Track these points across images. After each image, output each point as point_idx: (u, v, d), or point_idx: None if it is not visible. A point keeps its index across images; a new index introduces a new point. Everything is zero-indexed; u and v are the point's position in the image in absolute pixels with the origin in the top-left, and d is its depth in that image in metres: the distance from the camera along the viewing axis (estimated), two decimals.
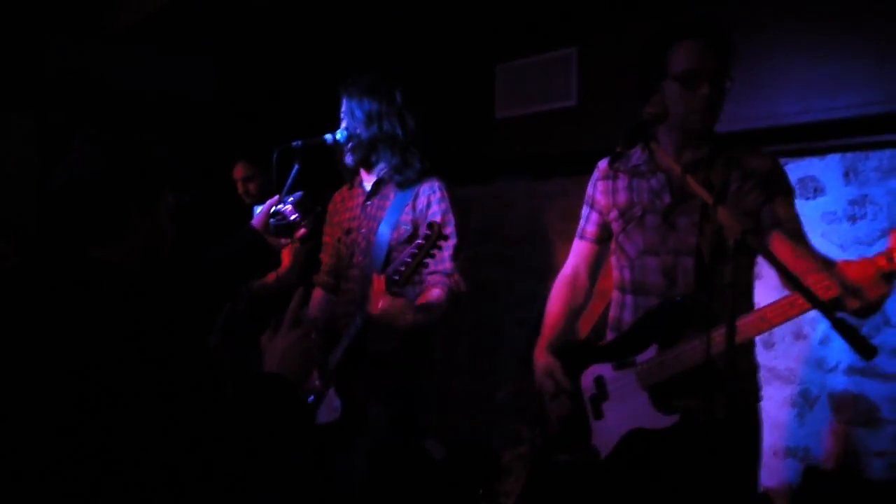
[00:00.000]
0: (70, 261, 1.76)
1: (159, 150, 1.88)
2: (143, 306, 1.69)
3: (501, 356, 5.29)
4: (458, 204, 3.00)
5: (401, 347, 2.93)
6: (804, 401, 3.80)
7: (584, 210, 2.68)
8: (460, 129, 4.99)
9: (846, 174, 3.69)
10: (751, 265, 2.46)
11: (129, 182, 1.79)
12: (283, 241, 2.65)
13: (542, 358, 2.60)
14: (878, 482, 3.42)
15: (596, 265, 2.70)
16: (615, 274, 2.56)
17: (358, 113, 2.95)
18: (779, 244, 2.28)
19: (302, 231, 2.67)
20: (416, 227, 2.94)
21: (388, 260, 2.94)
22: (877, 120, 3.33)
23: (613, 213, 2.52)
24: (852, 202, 3.67)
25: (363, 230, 3.03)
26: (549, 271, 5.02)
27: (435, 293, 2.82)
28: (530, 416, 5.05)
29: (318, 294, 3.29)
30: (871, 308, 1.99)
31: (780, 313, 2.12)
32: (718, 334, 2.12)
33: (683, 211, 2.37)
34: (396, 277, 2.59)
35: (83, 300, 1.68)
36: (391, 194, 3.00)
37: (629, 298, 2.49)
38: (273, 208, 2.63)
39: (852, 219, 3.67)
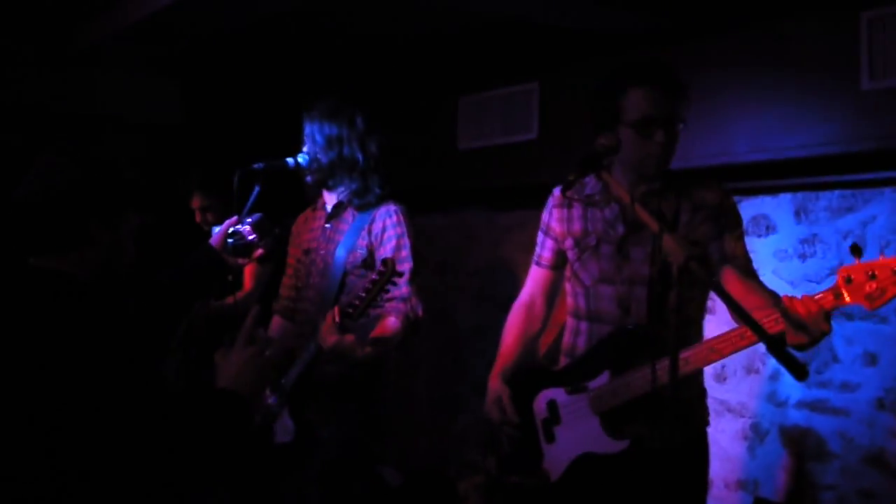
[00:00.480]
0: (14, 269, 1.78)
1: (127, 171, 1.90)
2: (90, 315, 1.71)
3: (460, 386, 5.30)
4: (419, 234, 3.02)
5: (352, 373, 2.94)
6: (755, 434, 3.86)
7: (539, 237, 2.71)
8: (423, 160, 5.04)
9: (797, 213, 3.79)
10: (703, 299, 2.50)
11: (93, 194, 1.81)
12: (240, 261, 2.66)
13: (493, 384, 2.61)
14: None
15: (552, 291, 2.71)
16: (570, 301, 2.58)
17: (318, 137, 2.97)
18: (729, 279, 2.34)
19: (259, 252, 2.68)
20: (370, 252, 2.97)
21: (342, 283, 2.96)
22: (827, 160, 3.43)
23: (569, 242, 2.55)
24: (803, 241, 3.76)
25: (321, 251, 3.05)
26: (509, 301, 5.04)
27: (390, 323, 2.83)
28: (486, 444, 5.06)
29: (276, 321, 3.29)
30: (813, 343, 2.03)
31: (729, 344, 2.16)
32: (665, 363, 2.14)
33: (637, 242, 2.42)
34: (350, 310, 2.60)
35: (27, 307, 1.70)
36: (349, 217, 3.03)
37: (584, 325, 2.51)
38: (231, 228, 2.64)
39: (802, 256, 3.76)
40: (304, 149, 3.01)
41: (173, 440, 1.68)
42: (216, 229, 2.65)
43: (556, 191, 2.66)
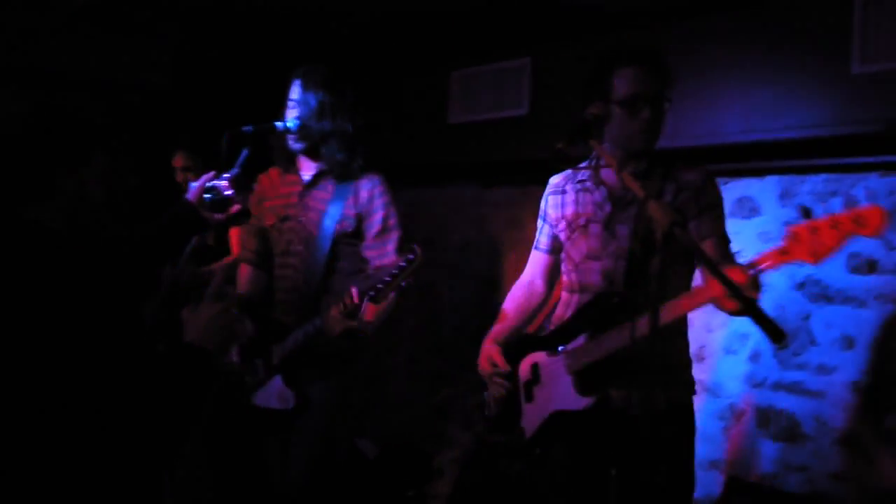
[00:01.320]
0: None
1: (90, 114, 1.89)
2: (65, 266, 1.72)
3: (439, 360, 5.32)
4: (405, 207, 3.07)
5: (340, 344, 2.96)
6: (731, 414, 3.89)
7: (539, 223, 2.87)
8: (413, 133, 5.03)
9: (782, 196, 3.81)
10: (688, 273, 2.60)
11: (54, 141, 1.81)
12: (216, 216, 2.67)
13: (486, 344, 2.77)
14: (798, 496, 3.52)
15: (551, 273, 2.85)
16: (563, 278, 2.75)
17: (312, 103, 2.97)
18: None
19: (236, 207, 2.69)
20: (359, 220, 2.99)
21: (332, 253, 2.98)
22: (814, 143, 3.45)
23: (562, 224, 2.70)
24: (787, 223, 3.78)
25: (301, 219, 3.04)
26: (492, 278, 5.08)
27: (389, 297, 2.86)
28: (464, 420, 5.08)
29: (245, 269, 3.27)
30: (746, 310, 2.03)
31: (689, 300, 2.28)
32: (640, 322, 2.21)
33: (622, 220, 2.56)
34: (373, 293, 2.62)
35: (9, 258, 1.70)
36: (329, 186, 3.03)
37: (574, 297, 2.66)
38: (209, 184, 2.65)
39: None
40: (294, 114, 3.01)
41: (141, 392, 1.69)
42: (193, 185, 2.66)
43: (552, 179, 2.82)
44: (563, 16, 4.05)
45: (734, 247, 2.60)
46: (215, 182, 2.65)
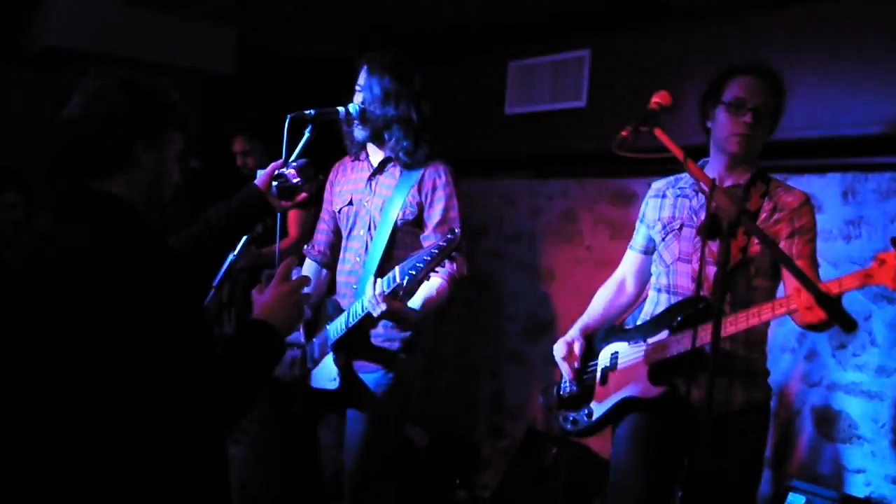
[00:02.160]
0: (74, 193, 1.80)
1: (171, 94, 1.92)
2: (143, 241, 1.75)
3: (490, 351, 5.34)
4: (461, 197, 3.05)
5: (396, 332, 2.99)
6: (786, 413, 3.85)
7: (637, 224, 2.96)
8: (469, 123, 5.04)
9: (845, 194, 3.76)
10: (772, 288, 2.66)
11: (137, 114, 1.83)
12: (283, 203, 2.70)
13: (571, 331, 2.90)
14: (855, 499, 3.47)
15: (642, 273, 2.94)
16: (653, 279, 2.85)
17: (376, 89, 2.97)
18: (789, 276, 2.49)
19: (303, 195, 2.72)
20: (420, 210, 2.99)
21: (392, 239, 2.99)
22: (879, 140, 3.40)
23: (658, 226, 2.79)
24: (849, 222, 3.74)
25: (366, 204, 3.07)
26: (543, 270, 5.08)
27: (439, 286, 2.87)
28: (513, 411, 5.10)
29: (308, 265, 3.33)
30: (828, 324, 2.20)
31: (767, 311, 2.35)
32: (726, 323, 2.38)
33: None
34: (413, 272, 2.60)
35: (86, 233, 1.72)
36: (397, 173, 3.04)
37: (663, 297, 2.75)
38: (277, 171, 2.68)
39: (847, 238, 3.73)
40: (358, 99, 3.02)
41: (208, 374, 1.72)
42: (261, 172, 2.70)
43: (655, 184, 2.92)
44: (624, 8, 4.02)
45: None
46: (283, 170, 2.69)
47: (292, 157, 2.79)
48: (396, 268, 2.63)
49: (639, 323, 2.80)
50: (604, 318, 2.94)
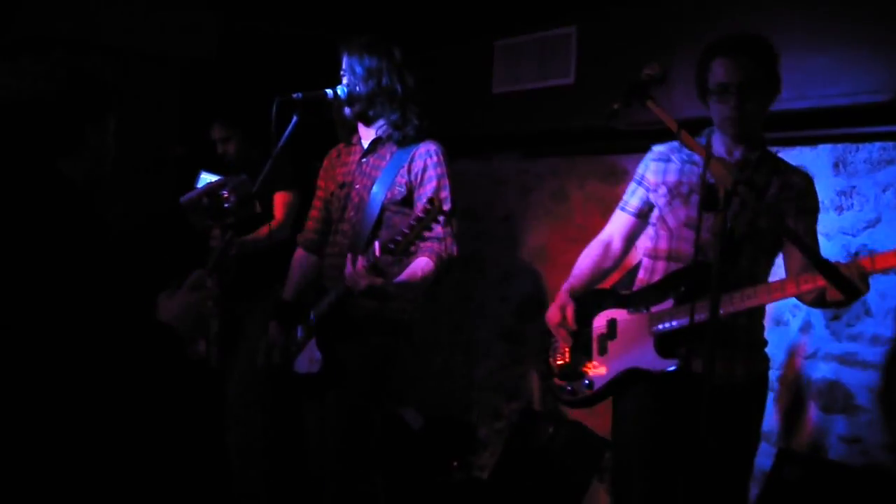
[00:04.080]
0: (39, 173, 1.83)
1: (107, 75, 1.97)
2: (75, 208, 1.80)
3: (484, 332, 5.32)
4: (451, 177, 3.03)
5: (384, 309, 2.96)
6: (782, 386, 3.85)
7: (631, 186, 2.90)
8: (456, 103, 5.01)
9: (836, 165, 3.74)
10: (770, 262, 2.69)
11: (85, 97, 1.89)
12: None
13: (560, 295, 2.84)
14: (851, 468, 3.48)
15: (630, 237, 2.90)
16: (648, 244, 2.79)
17: (358, 69, 2.99)
18: (793, 252, 2.60)
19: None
20: (410, 190, 2.98)
21: (380, 219, 2.97)
22: (870, 109, 3.37)
23: (662, 189, 2.75)
24: (840, 193, 3.72)
25: (357, 186, 3.06)
26: (536, 249, 5.06)
27: (421, 262, 2.85)
28: (508, 391, 5.09)
29: (299, 253, 3.31)
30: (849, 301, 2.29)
31: (777, 290, 2.40)
32: (737, 296, 2.40)
33: None
34: (392, 247, 2.60)
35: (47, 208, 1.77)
36: (388, 154, 3.04)
37: (660, 264, 2.72)
38: (213, 190, 2.67)
39: (839, 209, 3.72)
40: (343, 81, 3.03)
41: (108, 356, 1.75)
42: (203, 179, 2.66)
43: (655, 147, 2.86)
44: None
45: None
46: (222, 191, 2.66)
47: (280, 145, 2.78)
48: (376, 243, 2.61)
49: (637, 290, 2.75)
50: (590, 282, 2.89)
